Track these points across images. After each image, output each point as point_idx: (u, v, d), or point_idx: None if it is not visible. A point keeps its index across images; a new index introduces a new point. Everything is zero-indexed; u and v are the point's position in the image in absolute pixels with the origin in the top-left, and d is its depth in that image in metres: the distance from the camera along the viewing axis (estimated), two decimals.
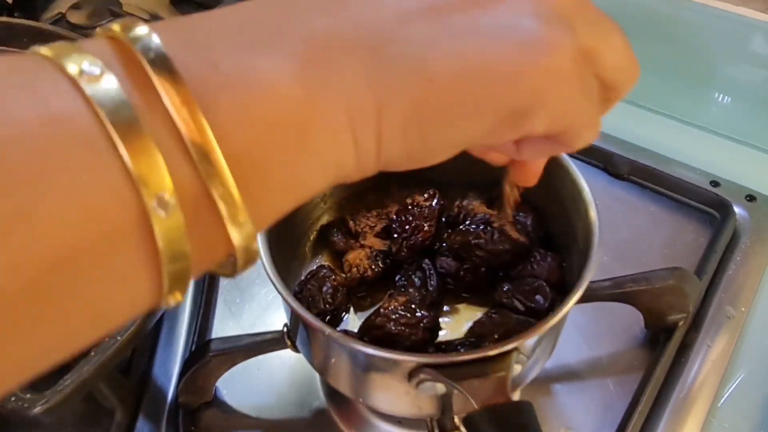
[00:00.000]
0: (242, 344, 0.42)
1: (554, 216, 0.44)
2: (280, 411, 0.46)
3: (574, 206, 0.40)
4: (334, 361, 0.38)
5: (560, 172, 0.42)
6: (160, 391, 0.46)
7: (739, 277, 0.52)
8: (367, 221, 0.47)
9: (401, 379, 0.34)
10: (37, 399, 0.34)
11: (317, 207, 0.49)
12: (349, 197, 0.50)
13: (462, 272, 0.44)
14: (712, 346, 0.49)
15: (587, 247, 0.37)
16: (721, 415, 0.46)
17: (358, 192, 0.50)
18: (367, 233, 0.47)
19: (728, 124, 0.64)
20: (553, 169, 0.41)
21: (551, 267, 0.43)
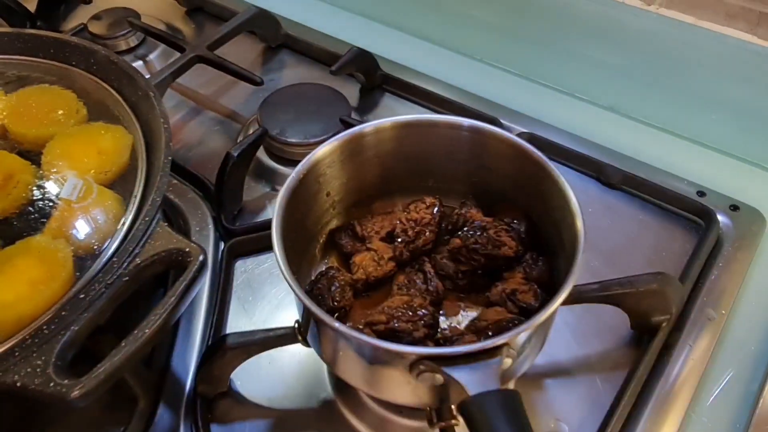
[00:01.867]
0: (256, 338, 0.46)
1: (545, 224, 0.48)
2: (289, 401, 0.49)
3: (563, 216, 0.43)
4: (342, 354, 0.41)
5: (550, 184, 0.45)
6: (179, 382, 0.49)
7: (720, 282, 0.55)
8: (373, 226, 0.51)
9: (403, 370, 0.37)
10: (75, 384, 0.37)
11: (327, 212, 0.52)
12: (356, 204, 0.53)
13: (460, 274, 0.48)
14: (694, 347, 0.52)
15: (573, 253, 0.40)
16: (701, 411, 0.49)
17: (365, 199, 0.53)
18: (373, 237, 0.50)
19: (714, 136, 0.67)
20: (544, 180, 0.45)
21: (542, 270, 0.46)
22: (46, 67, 0.59)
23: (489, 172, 0.51)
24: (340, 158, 0.49)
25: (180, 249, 0.44)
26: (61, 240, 0.46)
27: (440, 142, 0.50)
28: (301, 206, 0.48)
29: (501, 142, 0.48)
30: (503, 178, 0.50)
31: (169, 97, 0.72)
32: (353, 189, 0.52)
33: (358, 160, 0.50)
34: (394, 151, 0.51)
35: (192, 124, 0.71)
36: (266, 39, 0.79)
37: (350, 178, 0.51)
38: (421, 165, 0.52)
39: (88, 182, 0.50)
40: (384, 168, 0.52)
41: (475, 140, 0.49)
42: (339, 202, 0.52)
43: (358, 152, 0.50)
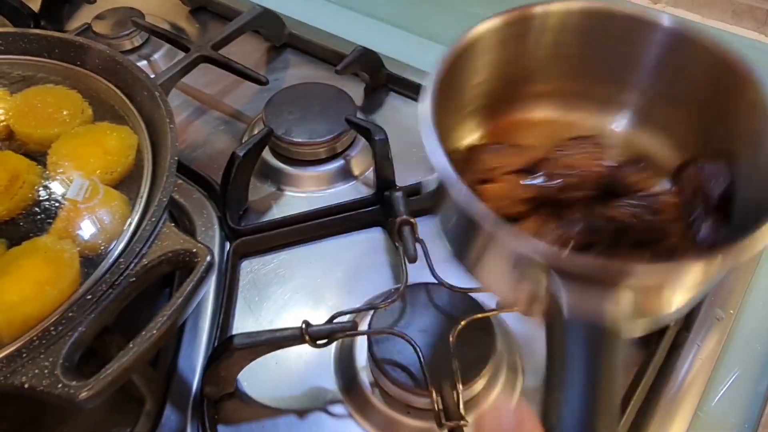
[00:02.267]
0: (263, 339, 0.46)
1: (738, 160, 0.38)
2: (296, 402, 0.49)
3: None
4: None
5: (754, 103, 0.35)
6: (185, 382, 0.49)
7: (728, 281, 0.55)
8: (507, 158, 0.41)
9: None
10: (83, 386, 0.37)
11: (470, 103, 0.43)
12: (503, 99, 0.44)
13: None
14: (702, 346, 0.52)
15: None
16: (710, 411, 0.49)
17: (514, 96, 0.45)
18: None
19: None
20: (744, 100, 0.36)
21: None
22: (51, 67, 0.59)
23: (673, 89, 0.41)
24: (502, 40, 0.41)
25: (187, 249, 0.44)
26: (68, 240, 0.46)
27: (619, 41, 0.41)
28: (451, 84, 0.39)
29: (702, 49, 0.38)
30: (691, 98, 0.40)
31: (174, 96, 0.72)
32: (506, 79, 0.43)
33: (520, 47, 0.42)
34: (564, 43, 0.42)
35: (196, 124, 0.71)
36: (270, 38, 0.79)
37: (507, 63, 0.42)
38: (590, 66, 0.43)
39: (94, 183, 0.50)
40: (546, 61, 0.43)
41: (667, 43, 0.40)
42: (485, 94, 0.43)
43: (523, 35, 0.41)
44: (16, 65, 0.59)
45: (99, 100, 0.57)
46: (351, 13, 0.85)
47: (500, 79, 0.43)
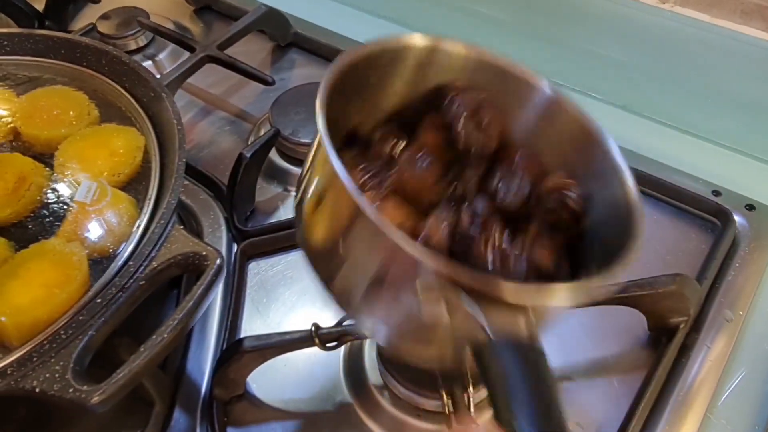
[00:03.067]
0: (273, 341, 0.45)
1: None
2: (305, 405, 0.49)
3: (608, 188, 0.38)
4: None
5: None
6: (194, 385, 0.49)
7: (737, 283, 0.55)
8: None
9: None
10: (95, 390, 0.37)
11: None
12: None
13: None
14: (712, 348, 0.51)
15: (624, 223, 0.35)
16: (719, 412, 0.49)
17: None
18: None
19: (729, 135, 0.66)
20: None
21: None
22: (57, 68, 0.59)
23: (542, 147, 0.43)
24: (403, 60, 0.42)
25: (197, 252, 0.44)
26: (76, 243, 0.46)
27: (503, 93, 0.43)
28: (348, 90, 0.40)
29: (571, 118, 0.41)
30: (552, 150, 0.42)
31: (179, 96, 0.72)
32: (401, 102, 0.43)
33: (419, 73, 0.43)
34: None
35: (202, 124, 0.71)
36: (276, 38, 0.79)
37: (403, 87, 0.43)
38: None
39: (102, 185, 0.50)
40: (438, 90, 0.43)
41: (544, 106, 0.43)
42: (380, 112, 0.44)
43: (424, 65, 0.42)
44: (22, 66, 0.59)
45: (105, 101, 0.56)
46: (357, 12, 0.85)
47: (404, 98, 0.44)
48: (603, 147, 0.39)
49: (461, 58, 0.43)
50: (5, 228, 0.47)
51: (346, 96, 0.39)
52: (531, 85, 0.43)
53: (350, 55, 0.39)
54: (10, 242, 0.45)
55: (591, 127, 0.41)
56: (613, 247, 0.34)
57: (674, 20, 0.64)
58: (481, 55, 0.43)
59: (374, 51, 0.41)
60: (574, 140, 0.41)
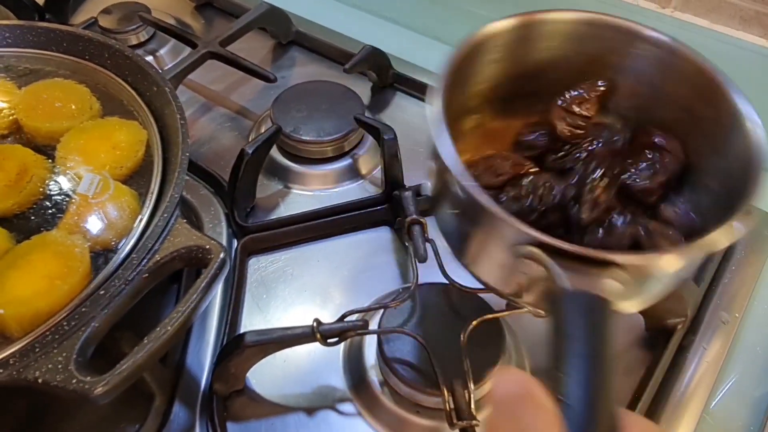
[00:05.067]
0: (274, 336, 0.45)
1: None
2: (305, 400, 0.49)
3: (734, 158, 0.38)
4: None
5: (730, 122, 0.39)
6: (194, 379, 0.49)
7: (734, 285, 0.56)
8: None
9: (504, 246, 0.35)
10: (98, 381, 0.37)
11: (471, 99, 0.46)
12: (503, 99, 0.47)
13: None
14: (708, 349, 0.52)
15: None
16: (715, 413, 0.49)
17: (512, 96, 0.47)
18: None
19: None
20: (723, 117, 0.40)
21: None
22: (59, 61, 0.59)
23: (658, 99, 0.44)
24: (509, 41, 0.44)
25: (200, 246, 0.44)
26: (78, 235, 0.46)
27: (613, 51, 0.44)
28: (459, 80, 0.42)
29: (686, 63, 0.42)
30: (673, 109, 0.44)
31: (180, 93, 0.71)
32: (509, 80, 0.46)
33: (525, 49, 0.45)
34: (565, 49, 0.45)
35: (203, 121, 0.71)
36: (277, 36, 0.79)
37: (509, 65, 0.45)
38: (585, 73, 0.46)
39: (105, 178, 0.49)
40: (545, 67, 0.46)
41: (656, 56, 0.43)
42: (487, 93, 0.46)
43: (530, 40, 0.44)
44: (23, 59, 0.58)
45: (107, 94, 0.56)
46: (358, 12, 0.85)
47: (508, 76, 0.46)
48: (725, 93, 0.40)
49: (565, 23, 0.44)
50: (7, 219, 0.46)
51: (454, 89, 0.41)
52: (643, 36, 0.43)
53: (457, 53, 0.41)
54: (12, 234, 0.45)
55: (711, 72, 0.41)
56: (733, 199, 0.36)
57: (674, 26, 0.64)
58: (583, 17, 0.44)
59: (477, 42, 0.42)
60: (695, 87, 0.42)
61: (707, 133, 0.41)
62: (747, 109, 0.39)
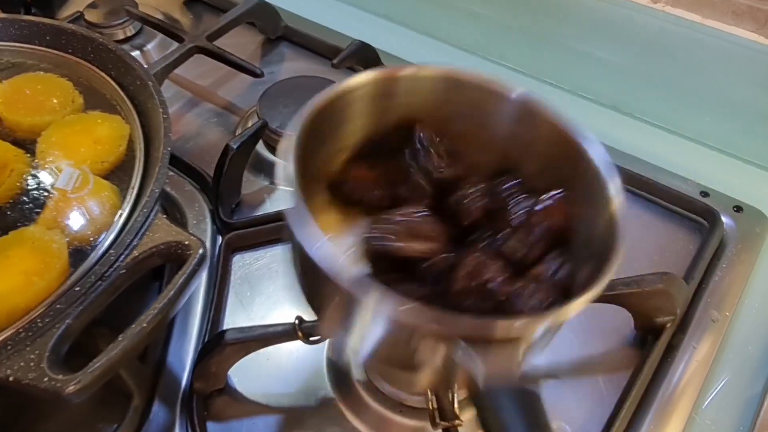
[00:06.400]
0: (255, 334, 0.45)
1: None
2: (288, 399, 0.48)
3: (595, 205, 0.37)
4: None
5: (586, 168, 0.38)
6: (175, 378, 0.48)
7: (724, 283, 0.55)
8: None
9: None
10: (70, 380, 0.36)
11: (334, 156, 0.44)
12: (363, 155, 0.45)
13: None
14: (698, 348, 0.51)
15: (608, 244, 0.34)
16: (704, 413, 0.49)
17: (374, 151, 0.45)
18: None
19: (719, 137, 0.67)
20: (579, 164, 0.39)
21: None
22: (42, 55, 0.58)
23: (522, 156, 0.43)
24: (370, 94, 0.42)
25: (179, 242, 0.43)
26: (56, 231, 0.45)
27: (477, 107, 0.43)
28: (318, 135, 0.41)
29: (546, 123, 0.41)
30: (534, 160, 0.43)
31: (166, 87, 0.71)
32: (372, 134, 0.44)
33: (385, 104, 0.43)
34: (425, 105, 0.44)
35: (189, 116, 0.70)
36: (266, 31, 0.78)
37: (371, 121, 0.44)
38: (449, 129, 0.44)
39: (84, 172, 0.49)
40: (406, 120, 0.44)
41: (518, 112, 0.42)
42: (347, 148, 0.45)
43: (389, 95, 0.43)
44: (5, 52, 0.58)
45: (90, 88, 0.56)
46: (347, 7, 0.84)
47: (371, 130, 0.44)
48: (584, 153, 0.38)
49: (428, 80, 0.43)
50: None
51: (312, 144, 0.40)
52: (503, 95, 0.42)
53: (312, 108, 0.39)
54: None
55: (571, 131, 0.39)
56: (601, 255, 0.34)
57: (665, 20, 0.64)
58: (448, 74, 0.43)
59: (332, 97, 0.41)
60: (556, 146, 0.40)
61: (577, 197, 0.39)
62: (608, 173, 0.37)
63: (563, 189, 0.39)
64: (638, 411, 0.48)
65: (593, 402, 0.49)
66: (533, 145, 0.42)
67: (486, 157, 0.44)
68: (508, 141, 0.44)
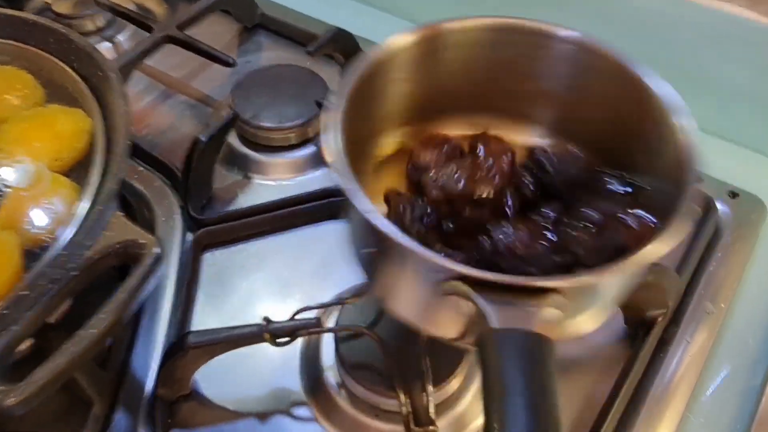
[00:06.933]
0: (220, 337, 0.42)
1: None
2: (258, 404, 0.46)
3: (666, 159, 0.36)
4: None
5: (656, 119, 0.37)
6: (138, 383, 0.46)
7: (719, 274, 0.53)
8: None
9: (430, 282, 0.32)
10: (10, 391, 0.33)
11: (384, 122, 0.43)
12: (417, 119, 0.45)
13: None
14: (691, 342, 0.49)
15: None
16: (699, 411, 0.47)
17: (428, 113, 0.45)
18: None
19: (711, 120, 0.63)
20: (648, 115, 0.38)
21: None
22: (1, 47, 0.55)
23: (581, 101, 0.42)
24: (415, 56, 0.41)
25: (134, 241, 0.41)
26: (9, 231, 0.42)
27: (528, 56, 0.42)
28: (364, 105, 0.39)
29: (604, 60, 0.40)
30: (598, 110, 0.42)
31: (138, 80, 0.68)
32: (423, 94, 0.43)
33: (432, 63, 0.42)
34: (475, 59, 0.42)
35: (162, 109, 0.67)
36: (242, 19, 0.75)
37: (420, 82, 0.43)
38: (501, 82, 0.44)
39: (40, 169, 0.46)
40: (457, 79, 0.43)
41: (573, 56, 0.41)
42: (404, 107, 0.44)
43: (435, 52, 0.42)
44: None
45: (51, 81, 0.53)
46: None
47: (418, 93, 0.43)
48: (646, 87, 0.38)
49: (475, 31, 0.41)
50: None
51: (356, 114, 0.38)
52: (555, 37, 0.41)
53: (354, 77, 0.38)
54: None
55: (630, 66, 0.39)
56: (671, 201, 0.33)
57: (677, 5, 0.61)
58: (487, 23, 0.41)
59: (379, 59, 0.40)
60: (617, 84, 0.39)
61: (638, 132, 0.39)
62: (674, 103, 0.37)
63: (657, 220, 0.37)
64: (628, 411, 0.46)
65: (581, 402, 0.47)
66: (591, 87, 0.41)
67: (543, 110, 0.44)
68: (564, 89, 0.42)
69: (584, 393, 0.47)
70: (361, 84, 0.38)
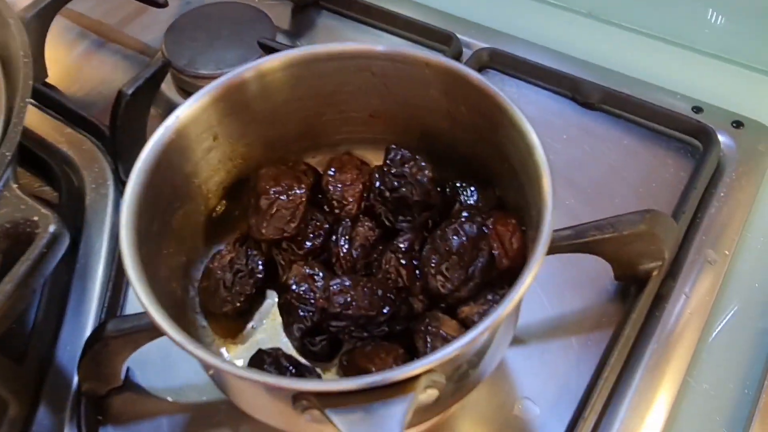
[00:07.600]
0: (143, 324, 0.36)
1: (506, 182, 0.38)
2: (198, 393, 0.41)
3: (525, 170, 0.34)
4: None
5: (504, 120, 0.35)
6: (64, 378, 0.41)
7: (722, 216, 0.47)
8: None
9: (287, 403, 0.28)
10: None
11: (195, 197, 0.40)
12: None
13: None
14: (691, 297, 0.44)
15: (539, 222, 0.31)
16: (701, 375, 0.41)
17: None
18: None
19: (712, 41, 0.57)
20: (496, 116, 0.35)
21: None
22: None
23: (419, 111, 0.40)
24: (220, 114, 0.38)
25: (27, 218, 0.34)
26: None
27: (347, 79, 0.39)
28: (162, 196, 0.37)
29: (431, 68, 0.37)
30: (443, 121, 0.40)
31: (66, 28, 0.61)
32: (240, 153, 0.41)
33: (246, 116, 0.39)
34: (288, 99, 0.40)
35: (93, 61, 0.60)
36: None
37: (238, 138, 0.40)
38: (329, 114, 0.41)
39: None
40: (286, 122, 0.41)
41: (395, 71, 0.39)
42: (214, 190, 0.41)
43: (245, 105, 0.39)
44: None
45: None
46: None
47: (239, 150, 0.41)
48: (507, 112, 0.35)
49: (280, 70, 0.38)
50: None
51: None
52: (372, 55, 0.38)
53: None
54: None
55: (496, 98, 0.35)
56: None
57: None
58: (295, 57, 0.39)
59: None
60: (479, 109, 0.37)
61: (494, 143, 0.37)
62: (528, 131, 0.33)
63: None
64: (621, 378, 0.41)
65: (566, 370, 0.42)
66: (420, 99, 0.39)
67: (387, 129, 0.42)
68: (398, 105, 0.41)
69: (570, 360, 0.42)
70: (153, 177, 0.35)
